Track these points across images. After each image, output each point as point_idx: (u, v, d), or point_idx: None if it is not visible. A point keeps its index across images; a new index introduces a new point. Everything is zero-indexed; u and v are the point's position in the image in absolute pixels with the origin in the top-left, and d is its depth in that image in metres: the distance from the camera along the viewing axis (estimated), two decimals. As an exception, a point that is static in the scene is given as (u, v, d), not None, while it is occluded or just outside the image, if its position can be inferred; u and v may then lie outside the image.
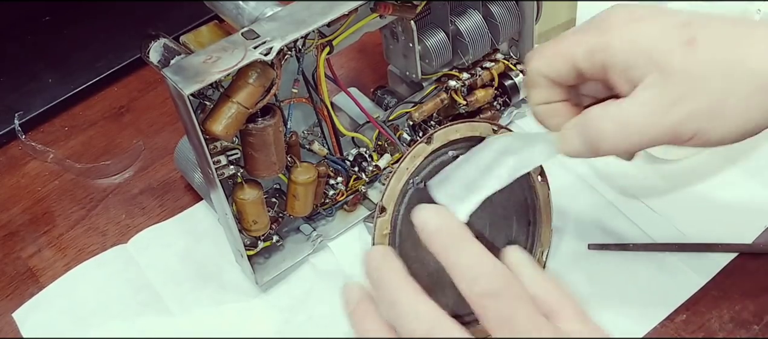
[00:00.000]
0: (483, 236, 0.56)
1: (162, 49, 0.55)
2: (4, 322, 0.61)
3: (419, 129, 0.65)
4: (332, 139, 0.61)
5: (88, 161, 0.73)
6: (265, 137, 0.53)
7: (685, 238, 0.61)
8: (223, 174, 0.54)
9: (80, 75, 0.79)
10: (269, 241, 0.60)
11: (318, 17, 0.53)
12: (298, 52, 0.55)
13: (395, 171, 0.52)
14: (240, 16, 0.57)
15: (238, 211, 0.56)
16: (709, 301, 0.58)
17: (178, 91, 0.48)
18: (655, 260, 0.60)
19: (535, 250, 0.58)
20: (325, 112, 0.59)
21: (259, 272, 0.60)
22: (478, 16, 0.64)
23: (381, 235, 0.51)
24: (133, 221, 0.68)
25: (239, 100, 0.50)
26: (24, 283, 0.64)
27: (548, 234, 0.58)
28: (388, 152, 0.64)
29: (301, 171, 0.58)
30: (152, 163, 0.73)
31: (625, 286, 0.59)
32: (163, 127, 0.76)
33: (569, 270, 0.60)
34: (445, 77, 0.66)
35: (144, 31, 0.56)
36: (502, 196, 0.56)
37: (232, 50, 0.50)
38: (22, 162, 0.74)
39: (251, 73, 0.50)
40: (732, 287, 0.58)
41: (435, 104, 0.65)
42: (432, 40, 0.63)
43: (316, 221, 0.64)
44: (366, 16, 0.58)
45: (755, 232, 0.61)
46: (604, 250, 0.61)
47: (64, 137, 0.76)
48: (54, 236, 0.67)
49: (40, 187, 0.72)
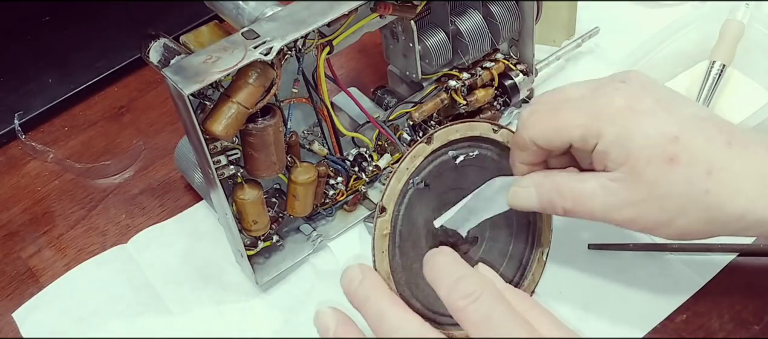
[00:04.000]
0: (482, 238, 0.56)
1: (162, 49, 0.55)
2: (4, 322, 0.61)
3: (419, 129, 0.65)
4: (332, 139, 0.61)
5: (88, 161, 0.73)
6: (265, 137, 0.53)
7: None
8: (223, 174, 0.54)
9: (80, 75, 0.79)
10: (269, 241, 0.60)
11: (318, 17, 0.53)
12: (298, 52, 0.55)
13: (395, 171, 0.52)
14: (240, 16, 0.57)
15: (238, 211, 0.56)
16: (709, 301, 0.58)
17: (178, 91, 0.48)
18: (655, 260, 0.60)
19: (535, 250, 0.58)
20: (325, 112, 0.59)
21: (259, 272, 0.60)
22: (478, 16, 0.64)
23: (381, 235, 0.51)
24: (133, 221, 0.68)
25: (239, 100, 0.50)
26: (24, 283, 0.64)
27: (548, 234, 0.58)
28: (388, 152, 0.64)
29: (301, 171, 0.58)
30: (152, 163, 0.72)
31: (625, 286, 0.59)
32: (163, 127, 0.76)
33: (569, 270, 0.60)
34: (445, 77, 0.66)
35: (144, 31, 0.56)
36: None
37: (232, 50, 0.50)
38: (22, 162, 0.74)
39: (251, 73, 0.50)
40: (732, 287, 0.58)
41: (435, 104, 0.65)
42: (432, 40, 0.63)
43: (316, 221, 0.64)
44: (366, 16, 0.58)
45: (755, 232, 0.61)
46: (604, 250, 0.61)
47: (64, 137, 0.76)
48: (54, 236, 0.67)
49: (40, 187, 0.72)
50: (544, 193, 0.50)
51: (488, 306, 0.45)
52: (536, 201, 0.50)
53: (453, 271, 0.47)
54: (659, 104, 0.47)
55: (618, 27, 0.77)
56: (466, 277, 0.47)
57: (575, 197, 0.48)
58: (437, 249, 0.50)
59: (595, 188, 0.48)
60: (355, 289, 0.49)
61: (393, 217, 0.52)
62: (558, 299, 0.58)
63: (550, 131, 0.48)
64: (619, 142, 0.46)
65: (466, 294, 0.45)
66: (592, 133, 0.47)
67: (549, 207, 0.50)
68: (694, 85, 0.71)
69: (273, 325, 0.60)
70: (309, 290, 0.61)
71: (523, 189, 0.51)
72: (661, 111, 0.46)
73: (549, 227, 0.58)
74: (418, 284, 0.52)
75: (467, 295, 0.45)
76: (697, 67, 0.74)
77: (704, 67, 0.72)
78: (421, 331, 0.47)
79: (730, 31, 0.72)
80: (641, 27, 0.76)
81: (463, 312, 0.45)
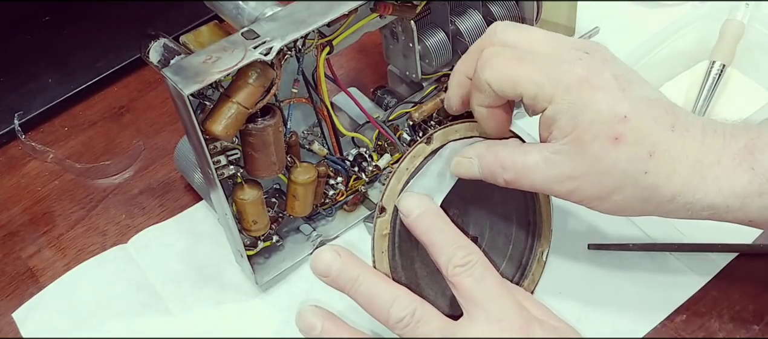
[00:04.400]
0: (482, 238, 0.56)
1: (162, 49, 0.55)
2: (4, 322, 0.61)
3: (419, 129, 0.65)
4: (332, 139, 0.61)
5: (88, 161, 0.73)
6: (265, 137, 0.53)
7: (685, 238, 0.61)
8: (223, 174, 0.54)
9: (80, 75, 0.79)
10: (269, 241, 0.60)
11: (318, 17, 0.53)
12: (298, 52, 0.55)
13: (395, 171, 0.52)
14: (240, 16, 0.57)
15: (238, 211, 0.56)
16: (709, 301, 0.58)
17: (178, 91, 0.48)
18: (655, 260, 0.60)
19: (535, 250, 0.58)
20: (325, 112, 0.59)
21: (259, 272, 0.60)
22: (478, 16, 0.64)
23: (380, 235, 0.51)
24: (133, 221, 0.68)
25: (239, 100, 0.50)
26: (24, 283, 0.64)
27: (548, 234, 0.58)
28: (388, 152, 0.64)
29: (301, 171, 0.58)
30: (152, 163, 0.72)
31: (625, 286, 0.59)
32: (163, 127, 0.76)
33: (569, 270, 0.60)
34: (445, 77, 0.66)
35: (144, 31, 0.56)
36: (502, 196, 0.56)
37: (232, 50, 0.50)
38: (22, 162, 0.74)
39: (251, 73, 0.50)
40: (732, 287, 0.58)
41: (435, 104, 0.65)
42: (432, 40, 0.63)
43: (316, 221, 0.64)
44: (366, 16, 0.58)
45: (755, 232, 0.61)
46: (604, 250, 0.61)
47: (64, 137, 0.76)
48: (54, 236, 0.67)
49: (40, 187, 0.72)
50: (486, 165, 0.51)
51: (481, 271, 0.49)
52: (478, 171, 0.51)
53: (452, 241, 0.50)
54: (616, 81, 0.48)
55: (618, 27, 0.77)
56: (464, 246, 0.50)
57: (517, 170, 0.50)
58: (424, 207, 0.51)
59: (538, 161, 0.49)
60: (337, 273, 0.49)
61: (393, 217, 0.52)
62: (558, 299, 0.58)
63: (506, 80, 0.49)
64: (569, 113, 0.47)
65: (464, 262, 0.48)
66: (545, 95, 0.48)
67: (490, 177, 0.51)
68: (694, 85, 0.71)
69: (273, 325, 0.60)
70: (309, 290, 0.61)
71: (466, 159, 0.52)
72: (616, 89, 0.47)
73: (549, 227, 0.58)
74: (418, 284, 0.53)
75: (464, 263, 0.48)
76: (697, 67, 0.74)
77: (704, 67, 0.72)
78: (414, 302, 0.49)
79: (730, 31, 0.72)
80: (641, 27, 0.76)
81: (457, 277, 0.48)
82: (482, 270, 0.49)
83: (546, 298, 0.58)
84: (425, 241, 0.50)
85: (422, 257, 0.53)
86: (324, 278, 0.50)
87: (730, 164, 0.48)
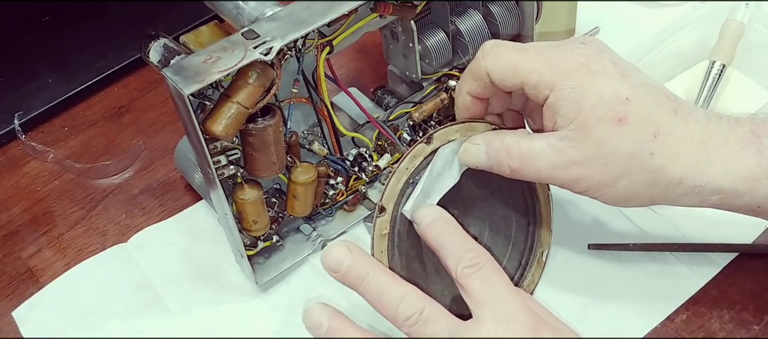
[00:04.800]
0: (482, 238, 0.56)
1: (162, 49, 0.55)
2: (4, 321, 0.61)
3: (419, 129, 0.65)
4: (332, 139, 0.61)
5: (88, 161, 0.73)
6: (265, 137, 0.53)
7: (685, 238, 0.61)
8: (223, 174, 0.54)
9: (80, 75, 0.79)
10: (269, 241, 0.60)
11: (318, 17, 0.53)
12: (298, 52, 0.55)
13: (395, 171, 0.52)
14: (240, 16, 0.57)
15: (238, 211, 0.56)
16: (709, 301, 0.58)
17: (178, 91, 0.48)
18: (655, 260, 0.60)
19: (535, 251, 0.58)
20: (325, 112, 0.59)
21: (259, 272, 0.60)
22: (478, 16, 0.64)
23: (380, 235, 0.51)
24: (133, 221, 0.68)
25: (239, 100, 0.50)
26: (24, 283, 0.64)
27: (548, 234, 0.58)
28: (388, 152, 0.64)
29: (301, 171, 0.58)
30: (152, 163, 0.72)
31: (625, 286, 0.59)
32: (163, 127, 0.76)
33: (569, 270, 0.60)
34: (445, 77, 0.66)
35: (144, 31, 0.56)
36: (502, 197, 0.56)
37: (232, 50, 0.50)
38: (22, 162, 0.74)
39: (251, 73, 0.50)
40: (732, 287, 0.58)
41: (435, 104, 0.65)
42: (432, 40, 0.63)
43: (316, 221, 0.64)
44: (366, 16, 0.58)
45: (755, 232, 0.61)
46: (604, 250, 0.61)
47: (64, 137, 0.76)
48: (54, 236, 0.67)
49: (40, 187, 0.72)
50: (492, 151, 0.51)
51: (490, 273, 0.49)
52: (485, 158, 0.52)
53: (462, 245, 0.50)
54: (615, 67, 0.49)
55: (618, 27, 0.77)
56: (473, 249, 0.50)
57: (523, 156, 0.50)
58: (437, 214, 0.51)
59: (544, 147, 0.49)
60: (347, 268, 0.49)
61: (393, 217, 0.52)
62: (558, 299, 0.58)
63: (509, 68, 0.49)
64: (572, 98, 0.47)
65: (473, 264, 0.49)
66: (546, 83, 0.48)
67: (496, 165, 0.51)
68: (694, 85, 0.71)
69: (273, 325, 0.60)
70: (309, 290, 0.61)
71: (474, 146, 0.52)
72: (616, 73, 0.48)
73: (549, 227, 0.58)
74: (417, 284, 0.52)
75: (473, 264, 0.49)
76: (697, 67, 0.74)
77: (704, 67, 0.72)
78: (423, 300, 0.49)
79: (730, 31, 0.72)
80: (641, 27, 0.76)
81: (466, 279, 0.48)
82: (491, 271, 0.49)
83: (546, 298, 0.58)
84: (435, 246, 0.50)
85: (421, 257, 0.53)
86: (334, 274, 0.50)
87: (737, 146, 0.48)
